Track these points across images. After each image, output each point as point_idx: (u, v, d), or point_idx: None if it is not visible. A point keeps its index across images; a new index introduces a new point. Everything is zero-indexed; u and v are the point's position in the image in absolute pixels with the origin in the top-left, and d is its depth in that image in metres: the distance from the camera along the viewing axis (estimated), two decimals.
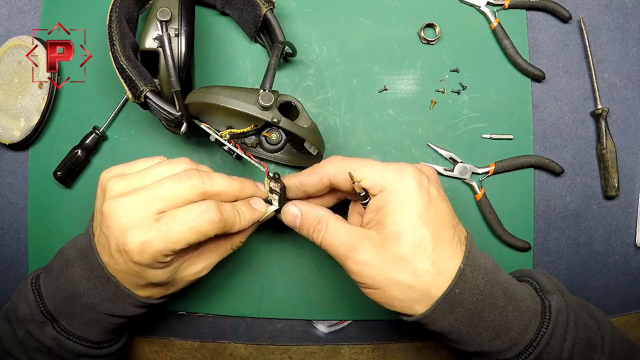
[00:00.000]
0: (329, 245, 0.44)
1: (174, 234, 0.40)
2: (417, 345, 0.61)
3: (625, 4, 0.63)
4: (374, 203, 0.44)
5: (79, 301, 0.45)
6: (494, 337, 0.42)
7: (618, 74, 0.62)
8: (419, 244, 0.41)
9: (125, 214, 0.40)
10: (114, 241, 0.41)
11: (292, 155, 0.58)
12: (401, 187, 0.43)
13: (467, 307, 0.41)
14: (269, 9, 0.53)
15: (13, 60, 0.57)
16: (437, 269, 0.41)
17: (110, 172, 0.45)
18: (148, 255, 0.40)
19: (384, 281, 0.41)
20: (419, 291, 0.41)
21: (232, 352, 0.60)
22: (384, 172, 0.44)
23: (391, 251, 0.41)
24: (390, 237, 0.42)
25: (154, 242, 0.40)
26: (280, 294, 0.60)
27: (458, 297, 0.41)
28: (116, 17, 0.48)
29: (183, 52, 0.47)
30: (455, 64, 0.61)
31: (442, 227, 0.43)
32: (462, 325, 0.42)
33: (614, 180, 0.60)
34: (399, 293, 0.42)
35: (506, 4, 0.61)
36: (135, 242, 0.40)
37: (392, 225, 0.42)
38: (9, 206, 0.61)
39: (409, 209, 0.42)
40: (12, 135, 0.57)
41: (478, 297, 0.42)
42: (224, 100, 0.45)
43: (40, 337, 0.45)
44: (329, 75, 0.60)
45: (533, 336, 0.42)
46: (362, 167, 0.44)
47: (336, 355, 0.61)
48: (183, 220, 0.40)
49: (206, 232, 0.41)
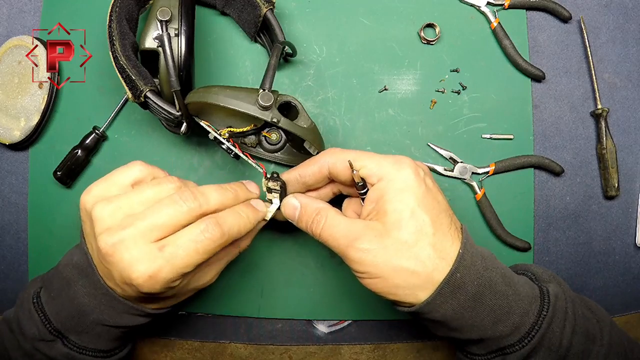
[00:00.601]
0: (328, 236, 0.44)
1: (180, 260, 0.39)
2: (417, 345, 0.61)
3: (625, 4, 0.63)
4: (373, 193, 0.44)
5: (86, 318, 0.44)
6: (495, 321, 0.42)
7: (618, 74, 0.62)
8: (420, 229, 0.42)
9: (126, 249, 0.39)
10: (119, 275, 0.40)
11: (291, 155, 0.57)
12: (399, 177, 0.43)
13: (469, 292, 0.42)
14: (269, 9, 0.53)
15: (13, 60, 0.57)
16: (439, 253, 0.42)
17: (90, 193, 0.43)
18: (158, 285, 0.40)
19: (386, 269, 0.42)
20: (422, 277, 0.42)
21: (232, 352, 0.60)
22: (382, 162, 0.44)
23: (393, 238, 0.42)
24: (391, 224, 0.42)
25: (162, 272, 0.39)
26: (280, 294, 0.60)
27: (459, 282, 0.42)
28: (116, 16, 0.48)
29: (183, 52, 0.47)
30: (455, 64, 0.61)
31: (440, 215, 0.43)
32: (464, 311, 0.42)
33: (614, 180, 0.60)
34: (402, 280, 0.42)
35: (506, 4, 0.61)
36: (143, 277, 0.39)
37: (393, 213, 0.42)
38: (9, 206, 0.60)
39: (408, 197, 0.42)
40: (12, 135, 0.57)
41: (478, 281, 0.42)
42: (223, 100, 0.45)
43: (49, 353, 0.45)
44: (329, 75, 0.60)
45: (534, 320, 0.42)
46: (360, 157, 0.45)
47: (336, 355, 0.61)
48: (187, 245, 0.40)
49: (211, 250, 0.41)
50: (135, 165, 0.44)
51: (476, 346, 0.45)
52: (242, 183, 0.48)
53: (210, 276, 0.47)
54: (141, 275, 0.39)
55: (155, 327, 0.60)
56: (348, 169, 0.45)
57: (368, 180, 0.45)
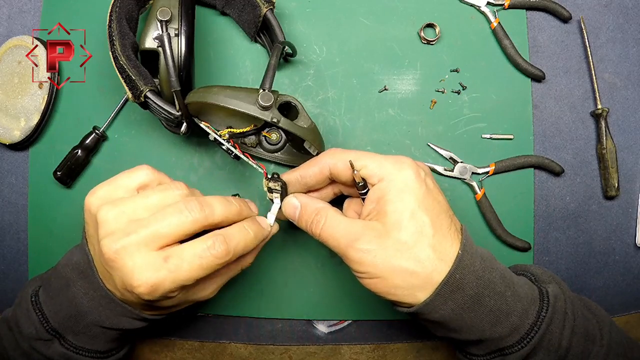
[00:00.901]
0: (328, 236, 0.44)
1: (184, 273, 0.39)
2: (417, 345, 0.61)
3: (625, 4, 0.63)
4: (373, 193, 0.44)
5: (84, 319, 0.45)
6: (495, 322, 0.42)
7: (618, 74, 0.62)
8: (420, 230, 0.42)
9: (129, 256, 0.39)
10: (120, 281, 0.40)
11: (291, 155, 0.57)
12: (400, 177, 0.43)
13: (468, 293, 0.42)
14: (269, 9, 0.53)
15: (13, 60, 0.57)
16: (438, 254, 0.42)
17: (95, 195, 0.43)
18: (159, 294, 0.40)
19: (386, 269, 0.42)
20: (422, 277, 0.42)
21: (232, 352, 0.60)
22: (383, 163, 0.44)
23: (393, 238, 0.42)
24: (391, 224, 0.42)
25: (165, 282, 0.39)
26: (280, 294, 0.60)
27: (458, 283, 0.42)
28: (116, 17, 0.48)
29: (183, 52, 0.47)
30: (455, 64, 0.61)
31: (440, 216, 0.43)
32: (463, 312, 0.42)
33: (614, 180, 0.60)
34: (402, 280, 0.42)
35: (506, 4, 0.61)
36: (145, 285, 0.39)
37: (393, 213, 0.42)
38: (9, 206, 0.61)
39: (408, 198, 0.43)
40: (12, 135, 0.57)
41: (477, 282, 0.42)
42: (223, 100, 0.45)
43: (46, 353, 0.45)
44: (329, 75, 0.60)
45: (533, 321, 0.43)
46: (362, 157, 0.45)
47: (336, 355, 0.61)
48: (192, 260, 0.39)
49: (215, 267, 0.41)
50: (142, 169, 0.44)
51: (475, 347, 0.45)
52: (245, 201, 0.47)
53: (209, 290, 0.46)
54: (143, 284, 0.39)
55: (155, 327, 0.60)
56: (349, 170, 0.45)
57: (369, 181, 0.45)
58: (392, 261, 0.41)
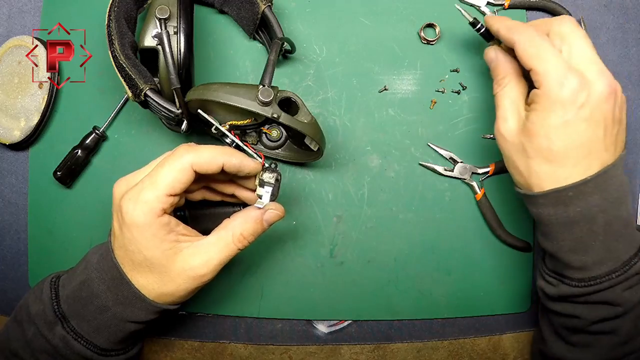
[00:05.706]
0: (497, 100, 0.48)
1: (162, 178, 0.43)
2: (417, 345, 0.61)
3: (625, 4, 0.63)
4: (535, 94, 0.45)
5: (92, 302, 0.45)
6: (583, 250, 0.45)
7: (618, 74, 0.62)
8: (597, 122, 0.43)
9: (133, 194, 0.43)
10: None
11: (292, 151, 0.58)
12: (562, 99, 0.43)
13: (612, 195, 0.44)
14: (267, 6, 0.53)
15: (13, 60, 0.57)
16: (606, 149, 0.44)
17: (121, 184, 0.46)
18: (145, 206, 0.42)
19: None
20: (588, 151, 0.43)
21: (232, 352, 0.60)
22: (567, 76, 0.44)
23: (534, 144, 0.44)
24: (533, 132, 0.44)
25: (145, 190, 0.42)
26: (280, 294, 0.60)
27: (605, 184, 0.43)
28: (115, 16, 0.48)
29: (182, 50, 0.47)
30: (455, 64, 0.61)
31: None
32: (602, 213, 0.44)
33: None
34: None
35: (506, 4, 0.61)
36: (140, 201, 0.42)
37: (532, 125, 0.44)
38: (9, 206, 0.61)
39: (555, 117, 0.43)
40: (12, 135, 0.57)
41: (619, 188, 0.44)
42: (223, 97, 0.45)
43: (48, 335, 0.45)
44: (329, 75, 0.60)
45: (630, 257, 0.45)
46: (542, 55, 0.45)
47: (336, 355, 0.60)
48: (170, 165, 0.43)
49: (185, 164, 0.43)
50: None
51: (578, 272, 0.46)
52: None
53: (198, 260, 0.45)
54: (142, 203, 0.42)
55: (155, 327, 0.60)
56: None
57: (533, 77, 0.45)
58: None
